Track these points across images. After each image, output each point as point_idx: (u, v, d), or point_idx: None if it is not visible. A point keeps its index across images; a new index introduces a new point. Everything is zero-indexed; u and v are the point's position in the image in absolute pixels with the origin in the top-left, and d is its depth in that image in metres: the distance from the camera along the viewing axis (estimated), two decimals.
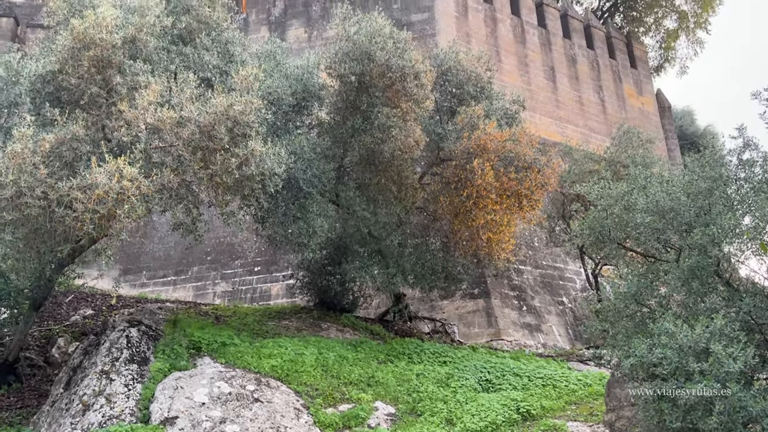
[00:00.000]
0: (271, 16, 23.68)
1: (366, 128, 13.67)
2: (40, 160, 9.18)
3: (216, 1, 14.22)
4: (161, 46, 13.06)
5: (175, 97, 11.04)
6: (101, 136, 11.13)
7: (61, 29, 12.53)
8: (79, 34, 11.48)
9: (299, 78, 14.58)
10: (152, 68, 12.25)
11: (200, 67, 13.35)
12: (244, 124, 10.75)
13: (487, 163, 13.26)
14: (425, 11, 22.33)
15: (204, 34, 13.52)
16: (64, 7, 12.87)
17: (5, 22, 24.46)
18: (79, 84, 11.61)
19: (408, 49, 13.54)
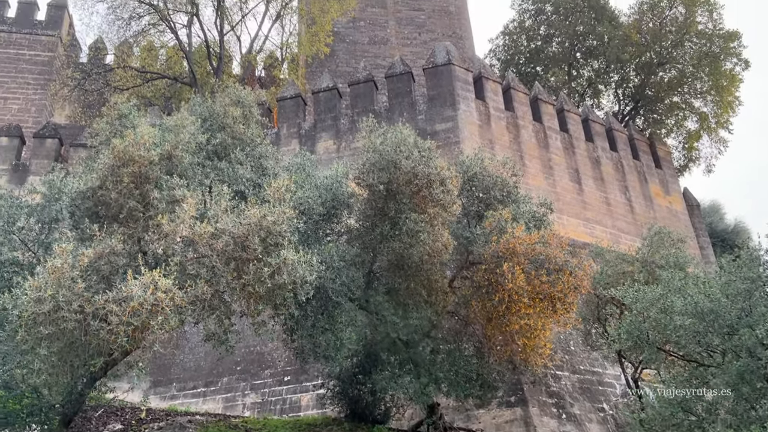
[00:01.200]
0: (302, 130, 24.64)
1: (394, 234, 13.81)
2: (79, 274, 9.39)
3: (250, 119, 14.92)
4: (197, 162, 13.61)
5: (210, 210, 11.36)
6: (137, 249, 11.41)
7: (103, 148, 13.19)
8: (120, 152, 12.03)
9: (329, 188, 14.96)
10: (188, 183, 12.70)
11: (234, 180, 13.83)
12: (277, 234, 10.95)
13: (517, 266, 13.19)
14: (449, 120, 23.07)
15: (238, 149, 14.09)
16: (107, 128, 13.62)
17: (50, 142, 25.80)
18: (118, 199, 12.05)
19: (433, 157, 13.89)
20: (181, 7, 29.48)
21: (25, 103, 33.07)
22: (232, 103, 15.54)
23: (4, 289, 11.55)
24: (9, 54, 34.09)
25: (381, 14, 33.95)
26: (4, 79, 33.29)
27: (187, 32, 29.32)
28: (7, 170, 24.66)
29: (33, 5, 35.58)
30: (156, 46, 30.97)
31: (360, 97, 24.64)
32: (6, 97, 32.92)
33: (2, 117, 31.82)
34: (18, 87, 33.39)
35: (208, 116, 14.92)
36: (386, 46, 33.28)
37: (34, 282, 9.19)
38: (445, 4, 35.02)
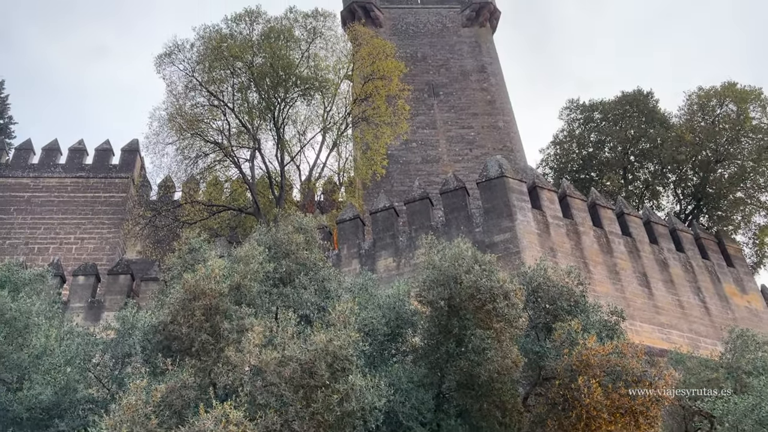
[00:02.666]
0: (361, 250, 25.05)
1: (461, 352, 13.54)
2: (152, 410, 9.50)
3: (312, 244, 15.33)
4: (263, 290, 13.95)
5: (277, 337, 11.49)
6: (208, 382, 11.52)
7: (175, 283, 13.71)
8: (191, 286, 12.45)
9: (391, 307, 14.99)
10: (255, 311, 12.96)
11: (299, 305, 14.05)
12: (343, 358, 10.91)
13: (593, 379, 12.62)
14: (507, 231, 23.09)
15: (302, 274, 14.41)
16: (179, 263, 14.22)
17: (122, 278, 26.94)
18: (189, 333, 12.33)
19: (494, 270, 13.81)
20: (244, 143, 31.35)
21: (100, 242, 34.97)
22: (295, 230, 16.07)
23: (81, 427, 11.75)
24: (86, 197, 36.53)
25: (432, 134, 35.19)
26: (81, 221, 35.49)
27: (250, 165, 30.94)
28: (83, 308, 25.69)
29: (108, 151, 38.45)
30: (221, 180, 32.71)
31: (416, 214, 25.08)
32: (83, 237, 34.93)
33: (79, 256, 33.62)
34: (94, 227, 35.47)
35: (273, 244, 15.42)
36: (438, 164, 34.20)
37: (109, 420, 9.34)
38: (493, 120, 36.12)
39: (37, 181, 36.82)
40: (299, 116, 32.61)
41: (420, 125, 35.40)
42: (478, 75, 38.56)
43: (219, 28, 31.16)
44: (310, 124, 32.68)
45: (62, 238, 34.95)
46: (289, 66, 30.30)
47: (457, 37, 40.56)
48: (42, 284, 17.65)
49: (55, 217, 35.58)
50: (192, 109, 30.69)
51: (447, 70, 38.69)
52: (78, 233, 35.11)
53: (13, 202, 35.82)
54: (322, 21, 32.36)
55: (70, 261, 32.76)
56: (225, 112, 31.08)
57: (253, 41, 30.70)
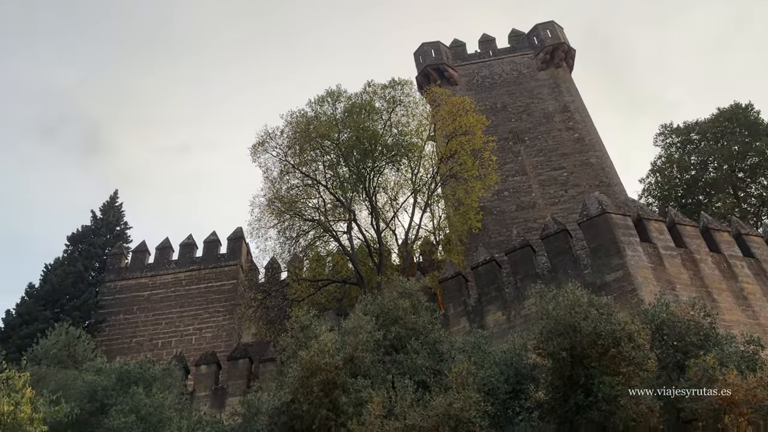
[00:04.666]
0: (468, 307, 24.70)
1: (590, 403, 12.89)
2: None
3: (419, 307, 15.33)
4: (376, 359, 13.99)
5: (396, 406, 11.43)
6: None
7: (291, 362, 14.03)
8: (307, 363, 12.69)
9: (509, 363, 14.59)
10: (371, 381, 12.99)
11: (414, 371, 13.95)
12: (466, 421, 10.69)
13: (740, 417, 11.65)
14: (618, 269, 22.15)
15: (413, 339, 14.37)
16: (292, 342, 14.57)
17: (242, 363, 27.75)
18: (309, 410, 12.50)
19: (612, 313, 13.25)
20: (339, 216, 32.20)
21: (216, 330, 36.39)
22: (400, 295, 16.16)
23: None
24: (200, 288, 38.35)
25: (523, 181, 34.80)
26: (198, 311, 37.18)
27: (348, 237, 31.63)
28: (208, 396, 26.59)
29: (216, 242, 40.46)
30: (323, 255, 33.56)
31: (519, 264, 24.57)
32: (201, 327, 36.51)
33: (199, 346, 35.07)
34: (210, 316, 37.04)
35: (380, 312, 15.54)
36: (534, 210, 33.62)
37: None
38: (584, 157, 35.33)
39: (155, 279, 39.11)
40: (389, 183, 33.26)
41: (509, 173, 35.13)
42: (562, 115, 38.08)
43: (304, 111, 32.70)
44: (400, 189, 33.23)
45: (182, 330, 36.66)
46: (374, 137, 31.18)
47: (535, 82, 40.44)
48: (170, 378, 18.50)
49: (174, 311, 37.47)
50: (288, 192, 32.01)
51: (529, 115, 38.48)
52: (196, 324, 36.74)
53: (135, 301, 38.13)
54: (400, 89, 33.28)
55: (191, 351, 34.19)
56: (319, 190, 32.21)
57: (338, 119, 31.93)
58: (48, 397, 14.74)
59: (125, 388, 16.08)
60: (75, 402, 15.38)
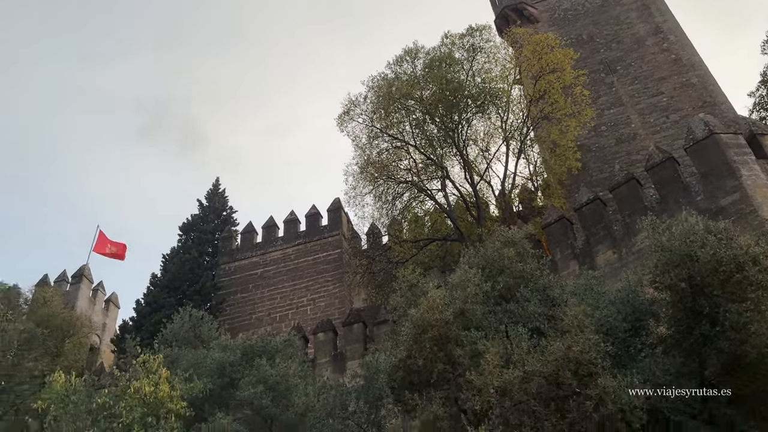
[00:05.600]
0: (575, 249, 24.04)
1: (717, 332, 12.26)
2: None
3: (524, 255, 15.06)
4: (487, 311, 13.92)
5: (513, 354, 11.35)
6: (456, 410, 11.67)
7: (403, 321, 14.22)
8: (417, 320, 12.82)
9: (624, 300, 14.12)
10: (484, 333, 12.95)
11: (526, 319, 13.77)
12: (587, 362, 10.46)
13: None
14: (733, 192, 20.77)
15: (522, 287, 14.16)
16: (402, 302, 14.75)
17: (356, 327, 28.51)
18: (425, 365, 12.66)
19: (732, 237, 12.46)
20: (432, 174, 32.02)
21: (328, 298, 37.55)
22: (503, 245, 15.92)
23: None
24: (308, 261, 39.59)
25: (620, 112, 33.11)
26: (308, 283, 38.47)
27: (443, 194, 31.44)
28: (329, 362, 27.57)
29: (317, 215, 41.47)
30: (420, 216, 33.58)
31: (626, 199, 23.56)
32: (314, 297, 37.79)
33: (314, 316, 36.35)
34: (320, 286, 38.23)
35: (485, 264, 15.40)
36: (635, 141, 31.98)
37: None
38: (684, 79, 33.07)
39: (264, 256, 40.73)
40: (479, 134, 32.59)
41: (604, 106, 33.50)
42: (654, 37, 35.71)
43: (384, 74, 32.47)
44: (491, 139, 32.47)
45: (296, 302, 38.09)
46: (458, 88, 30.55)
47: (621, 7, 38.07)
48: (291, 348, 19.29)
49: (287, 284, 38.96)
50: (379, 156, 32.11)
51: (618, 43, 36.37)
52: (309, 295, 38.06)
53: (250, 280, 39.94)
54: (479, 35, 32.27)
55: (308, 321, 35.50)
56: (408, 151, 32.09)
57: (418, 76, 31.50)
58: (182, 375, 15.78)
59: (250, 361, 16.93)
60: (206, 378, 16.39)
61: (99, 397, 15.27)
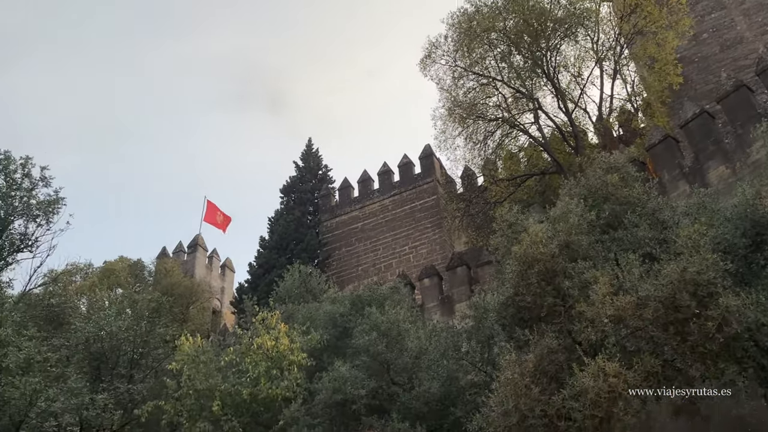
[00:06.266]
0: (684, 168, 22.78)
1: None
2: (529, 380, 9.81)
3: (629, 180, 14.44)
4: (593, 240, 13.52)
5: (625, 282, 11.01)
6: (571, 342, 11.52)
7: (506, 259, 14.09)
8: (521, 257, 12.66)
9: (742, 216, 13.26)
10: (592, 263, 12.62)
11: (636, 245, 13.27)
12: (706, 283, 9.99)
13: None
14: None
15: (629, 212, 13.63)
16: (503, 241, 14.58)
17: (460, 270, 28.61)
18: (534, 300, 12.54)
19: None
20: (523, 107, 31.04)
21: (429, 245, 37.82)
22: (605, 171, 15.32)
23: (473, 410, 12.70)
24: (405, 210, 39.90)
25: (722, 16, 30.54)
26: (408, 231, 38.85)
27: (537, 127, 30.47)
28: (437, 306, 27.95)
29: (409, 164, 41.51)
30: (514, 152, 32.80)
31: (736, 108, 21.93)
32: (415, 245, 38.18)
33: (417, 263, 36.78)
34: (420, 234, 38.53)
35: (588, 193, 14.90)
36: (741, 45, 29.49)
37: (495, 398, 9.90)
38: None
39: (363, 210, 41.44)
40: (569, 59, 31.03)
41: (704, 11, 30.99)
42: None
43: (464, 9, 31.36)
44: (582, 62, 30.83)
45: (398, 251, 38.66)
46: (542, 14, 29.12)
47: None
48: (397, 295, 19.67)
49: (387, 235, 39.55)
50: (465, 96, 31.40)
51: None
52: (410, 243, 38.49)
53: (351, 234, 40.86)
54: None
55: (411, 269, 36.00)
56: (496, 86, 31.14)
57: (499, 6, 30.24)
58: (299, 329, 16.52)
59: (360, 311, 17.43)
60: (321, 330, 17.05)
61: (226, 356, 16.30)
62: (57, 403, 14.74)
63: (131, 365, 18.49)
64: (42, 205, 23.74)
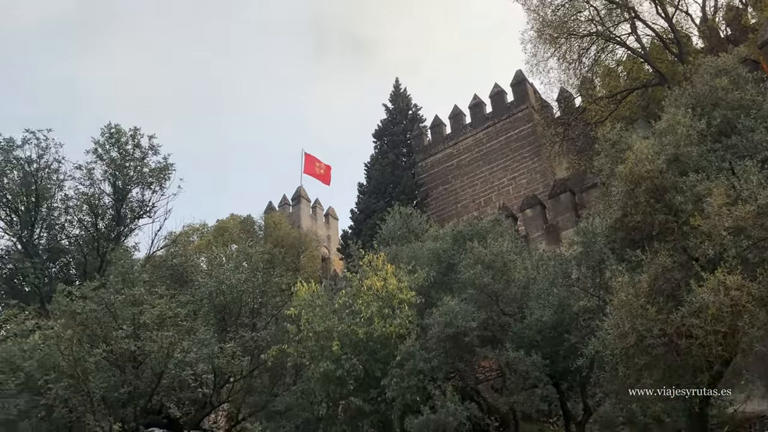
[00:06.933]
0: None
1: None
2: (644, 301, 9.56)
3: (742, 82, 13.43)
4: (704, 150, 12.76)
5: (742, 191, 10.37)
6: (686, 258, 11.06)
7: (611, 180, 13.58)
8: (627, 175, 12.16)
9: None
10: (705, 174, 11.95)
11: (752, 150, 12.42)
12: None
13: None
14: None
15: (743, 117, 12.71)
16: (607, 162, 14.03)
17: (563, 197, 27.92)
18: (643, 219, 12.08)
19: None
20: (618, 18, 29.24)
21: (529, 174, 37.04)
22: (713, 76, 14.30)
23: (588, 335, 12.58)
24: (500, 141, 39.11)
25: None
26: (506, 162, 38.16)
27: (635, 37, 28.71)
28: (542, 235, 27.54)
29: (501, 93, 40.43)
30: (612, 67, 31.13)
31: None
32: (514, 176, 37.52)
33: (517, 194, 36.21)
34: (518, 164, 37.75)
35: (695, 102, 14.00)
36: None
37: (610, 321, 9.75)
38: None
39: (457, 146, 41.03)
40: None
41: None
42: None
43: None
44: None
45: (497, 184, 38.16)
46: None
47: None
48: (499, 227, 19.52)
49: (484, 169, 39.06)
50: (554, 14, 29.92)
51: None
52: (508, 175, 37.86)
53: (447, 171, 40.68)
54: None
55: (512, 200, 35.52)
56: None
57: None
58: (404, 268, 16.82)
59: (462, 246, 17.46)
60: (426, 267, 17.29)
61: (339, 299, 16.92)
62: (191, 354, 15.91)
63: (253, 314, 19.61)
64: (154, 173, 25.27)
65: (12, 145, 23.69)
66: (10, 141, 23.75)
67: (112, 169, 24.45)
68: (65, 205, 24.97)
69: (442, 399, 14.31)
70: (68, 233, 25.39)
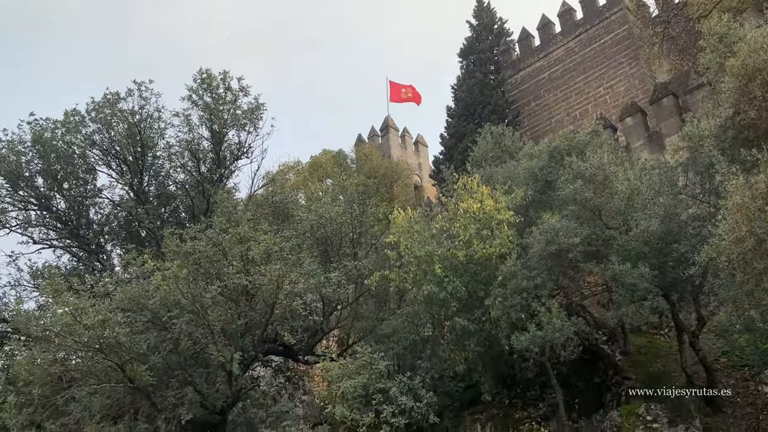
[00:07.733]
0: None
1: None
2: (762, 202, 8.98)
3: None
4: None
5: None
6: None
7: (720, 77, 12.60)
8: (739, 69, 11.29)
9: None
10: None
11: None
12: None
13: None
14: None
15: None
16: (714, 58, 12.99)
17: (666, 101, 26.31)
18: (759, 114, 11.25)
19: None
20: None
21: (627, 80, 34.99)
22: None
23: (699, 243, 12.06)
24: (594, 48, 37.00)
25: None
26: (601, 71, 36.18)
27: None
28: (644, 144, 26.23)
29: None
30: None
31: None
32: (611, 84, 35.59)
33: (615, 103, 34.41)
34: (614, 71, 35.69)
35: None
36: None
37: (724, 226, 9.25)
38: None
39: (547, 57, 39.17)
40: None
41: None
42: None
43: None
44: None
45: (593, 94, 36.37)
46: None
47: None
48: (597, 139, 18.72)
49: (578, 79, 37.23)
50: None
51: None
52: (604, 83, 35.94)
53: (539, 86, 39.11)
54: None
55: (610, 110, 33.84)
56: None
57: None
58: (500, 189, 16.58)
59: (559, 162, 16.93)
60: (523, 186, 16.96)
61: (436, 223, 17.00)
62: (299, 285, 16.61)
63: (353, 244, 20.12)
64: (247, 114, 25.85)
65: (117, 98, 24.75)
66: (115, 94, 24.81)
67: (207, 113, 25.18)
68: (168, 153, 26.11)
69: (548, 316, 14.27)
70: (174, 179, 26.64)
